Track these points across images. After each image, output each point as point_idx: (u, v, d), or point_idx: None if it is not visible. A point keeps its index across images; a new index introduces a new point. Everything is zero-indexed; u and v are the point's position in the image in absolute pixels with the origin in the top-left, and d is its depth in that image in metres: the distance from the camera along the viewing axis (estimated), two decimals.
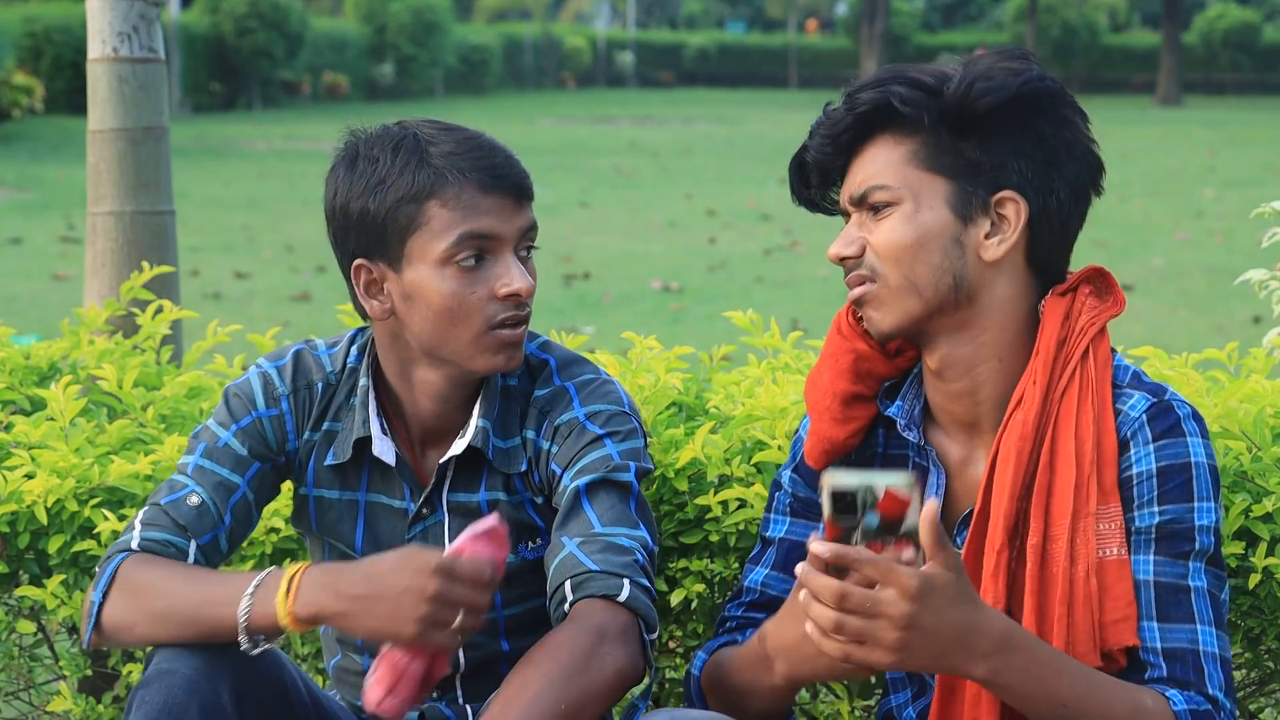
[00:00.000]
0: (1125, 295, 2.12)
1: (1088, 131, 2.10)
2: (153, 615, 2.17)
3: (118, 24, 3.50)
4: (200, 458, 2.32)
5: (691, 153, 23.50)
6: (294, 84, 34.18)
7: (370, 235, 2.23)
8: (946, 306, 2.08)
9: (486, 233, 2.20)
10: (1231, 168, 20.82)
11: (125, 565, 2.22)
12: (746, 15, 63.85)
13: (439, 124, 2.27)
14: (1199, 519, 2.02)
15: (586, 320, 9.95)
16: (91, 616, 2.22)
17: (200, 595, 2.15)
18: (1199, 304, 10.83)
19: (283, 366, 2.37)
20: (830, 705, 2.68)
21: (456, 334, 2.23)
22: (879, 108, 2.07)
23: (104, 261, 3.53)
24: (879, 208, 2.08)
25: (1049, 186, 2.06)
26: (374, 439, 2.31)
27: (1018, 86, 2.04)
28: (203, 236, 13.50)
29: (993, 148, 2.05)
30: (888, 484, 1.80)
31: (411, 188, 2.19)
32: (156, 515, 2.28)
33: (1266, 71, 46.38)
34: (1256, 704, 2.71)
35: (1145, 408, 2.05)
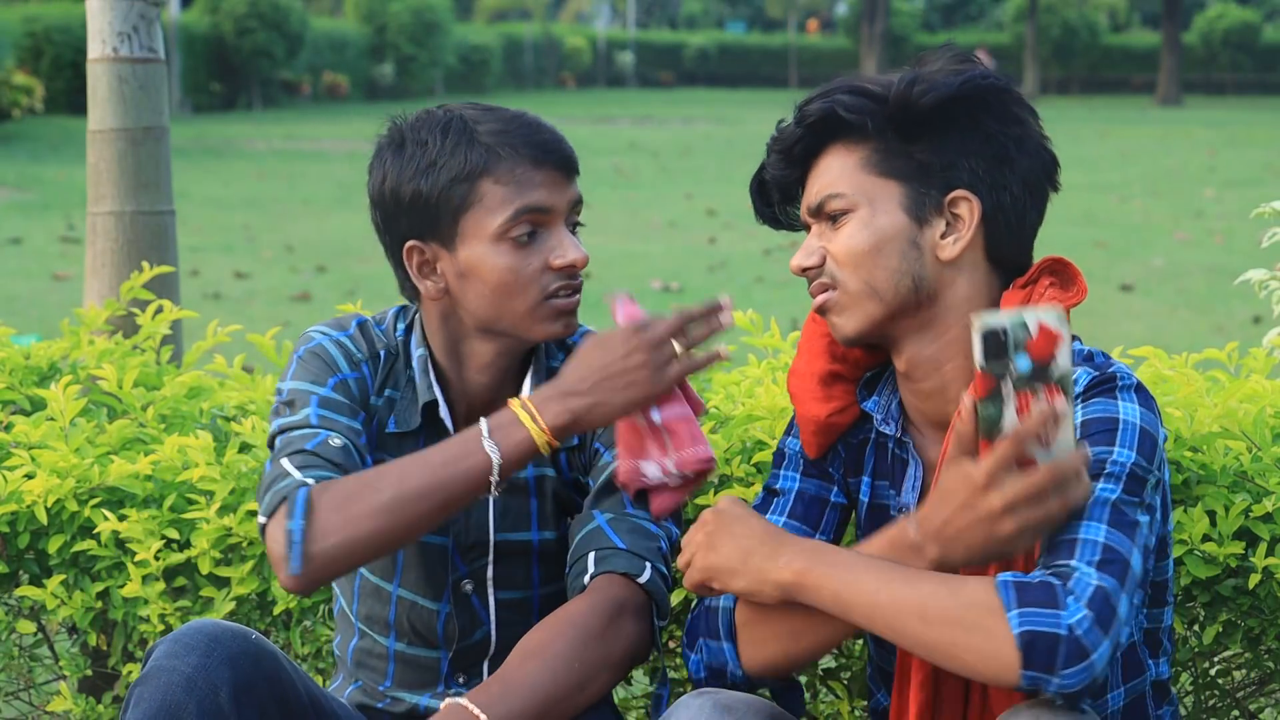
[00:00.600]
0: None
1: (1039, 128, 2.12)
2: (381, 508, 2.11)
3: (118, 24, 3.50)
4: (318, 408, 2.27)
5: (691, 153, 23.50)
6: (294, 84, 34.19)
7: (423, 217, 2.26)
8: (908, 308, 2.10)
9: (541, 205, 2.25)
10: (1231, 168, 20.82)
11: (317, 489, 2.14)
12: (746, 15, 63.87)
13: (481, 106, 2.31)
14: (1115, 457, 1.97)
15: (587, 320, 9.85)
16: (296, 545, 2.11)
17: (431, 464, 2.13)
18: (1199, 304, 10.83)
19: (353, 335, 2.37)
20: (830, 705, 2.68)
21: (513, 306, 2.27)
22: (826, 118, 2.11)
23: (104, 261, 3.53)
24: (836, 216, 2.11)
25: (1001, 183, 2.09)
26: (440, 405, 2.34)
27: (959, 85, 2.06)
28: (203, 236, 13.50)
29: (941, 148, 2.08)
30: (1039, 318, 1.80)
31: (465, 167, 2.23)
32: (306, 460, 2.20)
33: (1266, 71, 46.39)
34: (1256, 704, 2.71)
35: (1086, 380, 2.04)
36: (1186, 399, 2.57)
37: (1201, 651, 2.55)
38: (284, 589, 2.32)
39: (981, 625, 1.86)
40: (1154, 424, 2.02)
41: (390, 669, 2.42)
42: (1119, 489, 1.94)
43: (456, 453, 2.14)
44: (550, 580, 2.39)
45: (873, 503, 2.25)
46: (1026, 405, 1.82)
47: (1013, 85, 2.12)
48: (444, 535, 2.36)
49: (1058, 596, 1.84)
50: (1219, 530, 2.41)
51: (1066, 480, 1.86)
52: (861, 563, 1.97)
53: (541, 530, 2.37)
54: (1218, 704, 2.67)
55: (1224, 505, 2.42)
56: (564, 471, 2.38)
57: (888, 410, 2.20)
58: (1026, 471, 1.85)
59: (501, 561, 2.37)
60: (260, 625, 2.72)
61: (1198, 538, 2.41)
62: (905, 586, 1.92)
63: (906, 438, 2.19)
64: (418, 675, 2.41)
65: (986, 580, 1.88)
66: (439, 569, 2.37)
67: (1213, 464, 2.47)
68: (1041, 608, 1.84)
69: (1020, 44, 44.82)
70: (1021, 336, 1.80)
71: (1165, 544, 2.13)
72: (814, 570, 1.98)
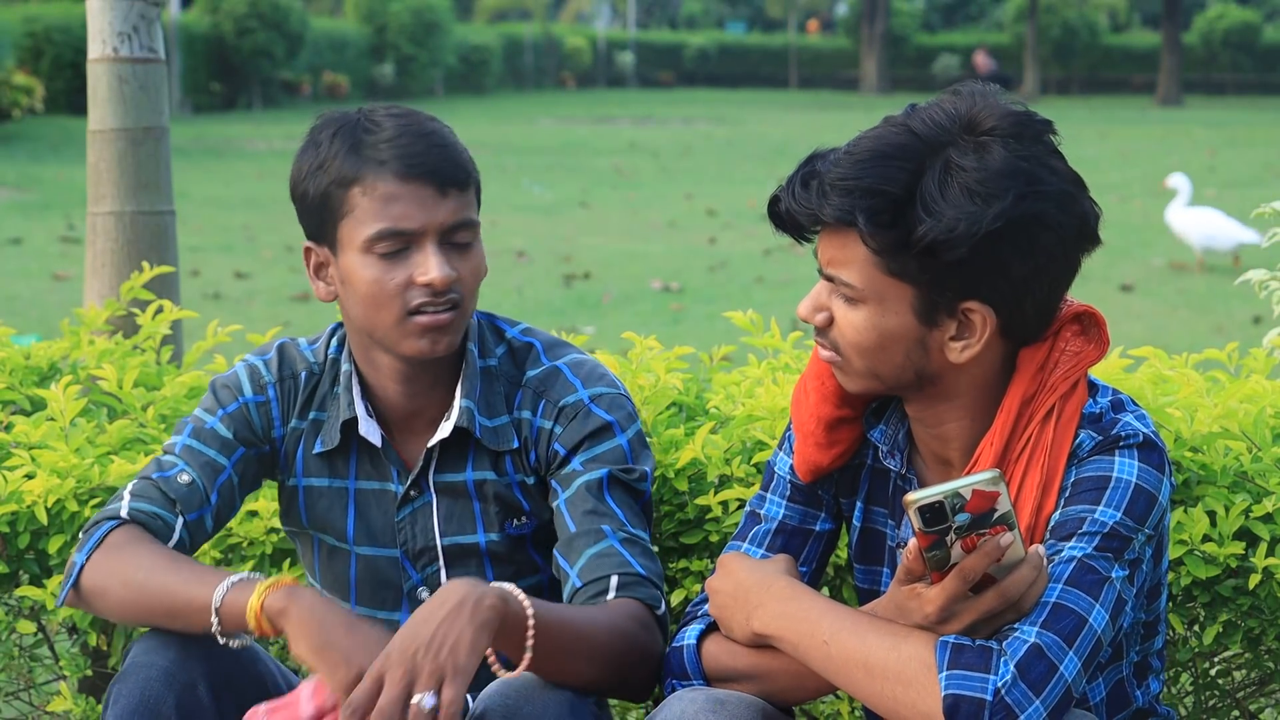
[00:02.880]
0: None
1: (1080, 202, 2.00)
2: (129, 585, 2.18)
3: (118, 24, 3.50)
4: (189, 438, 2.35)
5: (691, 153, 23.49)
6: (294, 84, 34.16)
7: (312, 219, 2.29)
8: (911, 388, 2.08)
9: (402, 229, 2.22)
10: (1231, 168, 20.80)
11: (114, 533, 2.24)
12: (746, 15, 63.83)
13: (395, 111, 2.28)
14: (1097, 516, 1.96)
15: (586, 320, 9.94)
16: (72, 576, 2.24)
17: (180, 575, 2.16)
18: (1199, 304, 10.83)
19: (268, 359, 2.41)
20: (830, 705, 2.68)
21: (380, 318, 2.26)
22: (843, 220, 2.00)
23: (104, 261, 3.53)
24: (845, 296, 2.05)
25: (1019, 301, 2.00)
26: (360, 420, 2.34)
27: (983, 230, 1.94)
28: (203, 236, 13.50)
29: (960, 270, 1.98)
30: (973, 485, 1.82)
31: (339, 173, 2.24)
32: (146, 488, 2.30)
33: (1266, 71, 46.37)
34: (1256, 704, 2.70)
35: (1090, 445, 2.02)
36: (1186, 399, 2.57)
37: (1201, 651, 2.55)
38: None
39: (917, 681, 1.89)
40: (1153, 482, 2.00)
41: None
42: (1089, 547, 1.95)
43: (199, 577, 2.15)
44: (507, 580, 2.37)
45: (866, 526, 2.23)
46: (973, 542, 1.86)
47: (1040, 199, 1.96)
48: (392, 546, 2.38)
49: (991, 660, 1.87)
50: (1219, 530, 2.41)
51: (1017, 596, 1.89)
52: (818, 610, 2.01)
53: (487, 532, 2.37)
54: (1218, 704, 2.67)
55: (1224, 505, 2.42)
56: (509, 474, 2.36)
57: (894, 441, 2.17)
58: (979, 595, 1.89)
59: (453, 565, 2.37)
60: None
61: (1198, 538, 2.41)
62: (853, 637, 1.96)
63: (911, 472, 2.17)
64: None
65: (930, 638, 1.91)
66: (393, 579, 2.39)
67: (1213, 464, 2.47)
68: (971, 671, 1.86)
69: (1020, 44, 44.81)
70: (958, 504, 1.83)
71: (1159, 587, 2.13)
72: (777, 621, 2.03)
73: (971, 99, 2.02)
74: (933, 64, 47.61)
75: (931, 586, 1.90)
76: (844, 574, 2.61)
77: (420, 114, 2.28)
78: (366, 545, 2.38)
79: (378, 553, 2.38)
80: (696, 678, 2.14)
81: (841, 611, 1.99)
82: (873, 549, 2.23)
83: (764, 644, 2.07)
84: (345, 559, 2.40)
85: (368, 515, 2.38)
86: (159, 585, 2.16)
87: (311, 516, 2.40)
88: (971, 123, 1.99)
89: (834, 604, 2.01)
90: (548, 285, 11.49)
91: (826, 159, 2.03)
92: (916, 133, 1.99)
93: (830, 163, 2.01)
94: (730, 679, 2.12)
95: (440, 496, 2.36)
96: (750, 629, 2.06)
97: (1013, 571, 1.89)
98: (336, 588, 2.42)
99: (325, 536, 2.41)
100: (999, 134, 1.98)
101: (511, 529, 2.37)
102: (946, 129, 1.99)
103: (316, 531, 2.41)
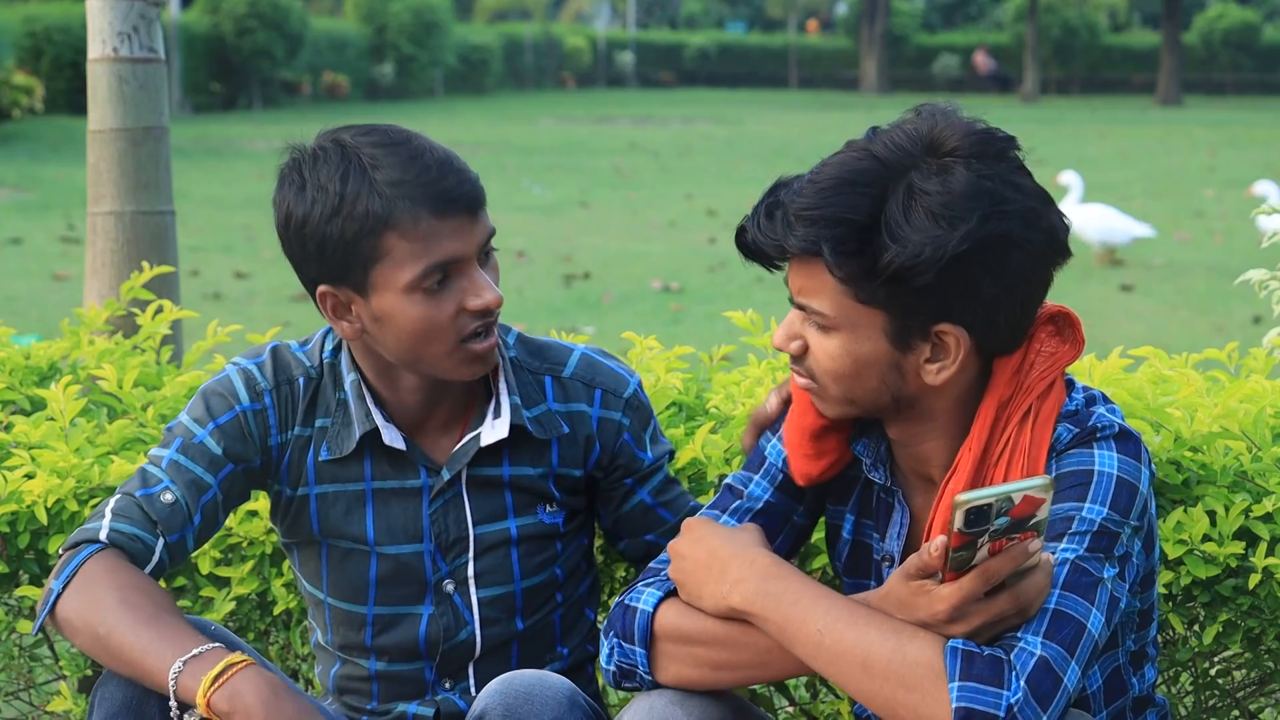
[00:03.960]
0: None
1: (1048, 216, 1.97)
2: (96, 636, 2.13)
3: (118, 24, 3.50)
4: (176, 452, 2.30)
5: (691, 153, 23.49)
6: (294, 84, 34.17)
7: (332, 265, 2.21)
8: (888, 411, 2.07)
9: (449, 259, 2.20)
10: (1231, 168, 20.81)
11: (90, 564, 2.18)
12: (746, 15, 63.83)
13: (380, 139, 2.21)
14: (1084, 513, 1.96)
15: (586, 320, 9.94)
16: (47, 604, 2.19)
17: (140, 639, 2.10)
18: (1199, 304, 10.83)
19: (262, 363, 2.37)
20: (830, 705, 2.68)
21: (430, 350, 2.24)
22: (808, 251, 1.98)
23: (104, 261, 3.53)
24: (817, 324, 2.03)
25: (991, 320, 1.99)
26: (382, 430, 2.32)
27: (949, 254, 1.92)
28: (203, 236, 13.50)
29: (929, 294, 1.96)
30: (1025, 490, 1.79)
31: (368, 220, 2.17)
32: (128, 507, 2.26)
33: (1266, 71, 46.37)
34: (1256, 704, 2.70)
35: (1068, 439, 2.02)
36: (1186, 399, 2.57)
37: (1201, 651, 2.55)
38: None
39: (921, 687, 1.87)
40: (1133, 472, 2.00)
41: (374, 689, 2.42)
42: (1081, 548, 1.94)
43: (157, 645, 2.08)
44: (530, 573, 2.39)
45: (856, 540, 2.23)
46: (1000, 545, 1.83)
47: (1004, 219, 1.93)
48: (417, 541, 2.36)
49: (1002, 674, 1.85)
50: (1219, 530, 2.41)
51: (1029, 603, 1.87)
52: (810, 595, 1.96)
53: (518, 517, 2.38)
54: (1218, 704, 2.67)
55: (1224, 505, 2.42)
56: (552, 465, 2.38)
57: (876, 454, 2.16)
58: (992, 598, 1.86)
59: (482, 557, 2.37)
60: (260, 625, 2.72)
61: (1198, 538, 2.41)
62: (851, 630, 1.92)
63: (895, 485, 2.16)
64: (403, 689, 2.41)
65: (935, 641, 1.88)
66: (417, 574, 2.37)
67: (1213, 464, 2.47)
68: (984, 684, 1.84)
69: (1020, 44, 44.80)
70: (1004, 507, 1.80)
71: (1151, 576, 2.12)
72: (760, 600, 1.98)
73: (933, 119, 2.00)
74: (933, 64, 47.63)
75: (945, 584, 1.87)
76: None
77: (411, 136, 2.22)
78: (389, 544, 2.36)
79: (401, 550, 2.36)
80: (641, 645, 2.08)
81: (836, 599, 1.96)
82: (862, 563, 2.23)
83: (736, 618, 2.02)
84: (364, 560, 2.37)
85: (388, 514, 2.36)
86: (119, 645, 2.10)
87: (325, 525, 2.37)
88: (934, 144, 1.97)
89: (825, 589, 1.98)
90: (548, 285, 11.49)
91: (790, 188, 2.01)
92: (879, 157, 1.97)
93: (794, 192, 1.99)
94: (687, 642, 2.06)
95: (471, 489, 2.36)
96: (727, 603, 2.01)
97: (1027, 576, 1.87)
98: (351, 590, 2.39)
99: (339, 542, 2.38)
100: (961, 154, 1.96)
101: (545, 514, 2.38)
102: (909, 151, 1.97)
103: (329, 539, 2.38)
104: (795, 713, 2.80)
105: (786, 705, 2.81)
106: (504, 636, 2.39)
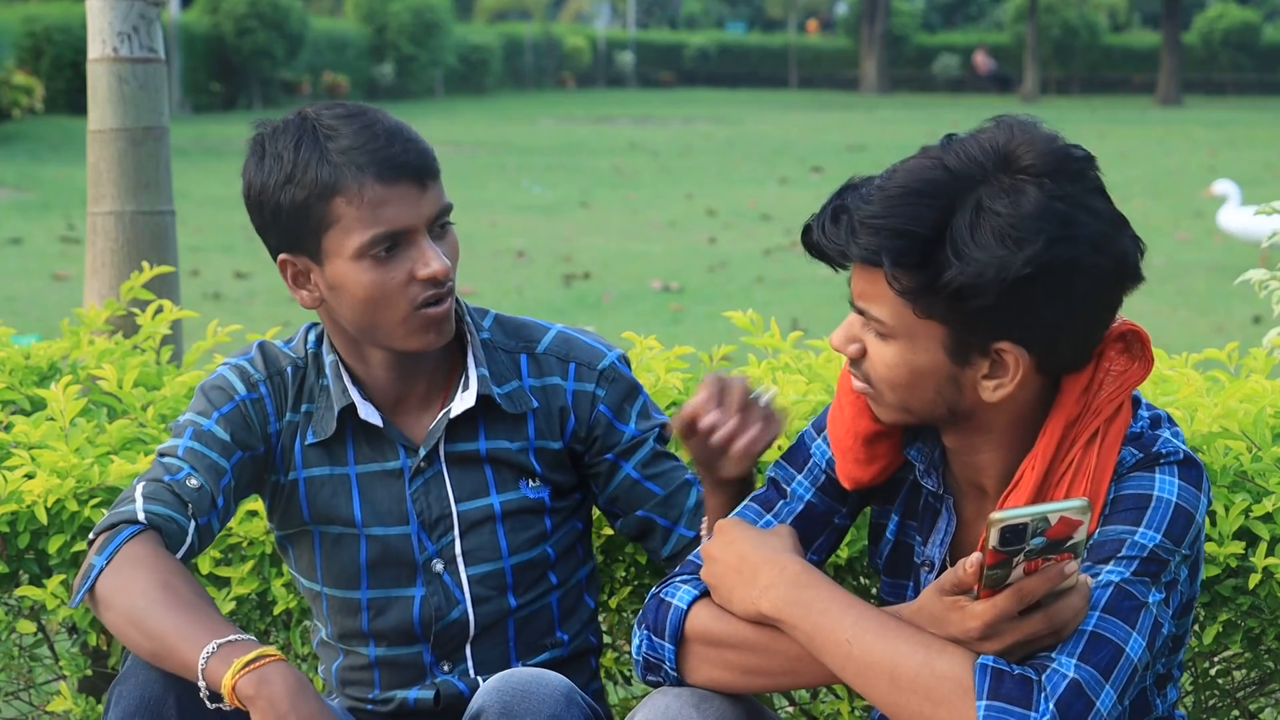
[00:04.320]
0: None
1: (1106, 266, 1.92)
2: (131, 617, 2.15)
3: (118, 24, 3.50)
4: (190, 440, 2.34)
5: (691, 153, 23.49)
6: (294, 84, 34.16)
7: (288, 232, 2.27)
8: (944, 421, 2.05)
9: (395, 228, 2.24)
10: (1231, 168, 20.79)
11: (132, 544, 2.20)
12: (746, 15, 63.83)
13: (340, 111, 2.28)
14: (1136, 538, 1.93)
15: (586, 320, 9.94)
16: (89, 580, 2.20)
17: (178, 622, 2.11)
18: (1199, 304, 10.83)
19: (252, 358, 2.42)
20: (830, 705, 2.68)
21: (383, 318, 2.27)
22: (870, 260, 1.95)
23: (104, 261, 3.53)
24: (877, 330, 2.01)
25: (1054, 341, 1.95)
26: (358, 405, 2.36)
27: (1012, 276, 1.88)
28: (203, 236, 13.50)
29: (989, 314, 1.92)
30: (1061, 511, 1.77)
31: (316, 185, 2.22)
32: (159, 490, 2.28)
33: (1266, 71, 46.37)
34: (1256, 704, 2.71)
35: (1131, 462, 1.99)
36: (1186, 399, 2.57)
37: (1201, 651, 2.55)
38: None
39: (948, 702, 1.85)
40: (1192, 500, 1.97)
41: (376, 677, 2.44)
42: (1127, 571, 1.92)
43: (192, 629, 2.10)
44: (518, 549, 2.40)
45: (900, 540, 2.20)
46: (1036, 565, 1.81)
47: (1074, 243, 1.89)
48: (403, 524, 2.39)
49: (1031, 695, 1.83)
50: (1219, 530, 2.41)
51: (1062, 624, 1.86)
52: (840, 604, 1.95)
53: (501, 493, 2.39)
54: (1218, 704, 2.67)
55: (1224, 505, 2.42)
56: (529, 439, 2.40)
57: (930, 460, 2.12)
58: (1025, 618, 1.84)
59: (468, 534, 2.39)
60: (260, 625, 2.72)
61: None
62: (880, 641, 1.90)
63: (946, 492, 2.12)
64: (403, 675, 2.43)
65: (965, 657, 1.86)
66: (406, 556, 2.39)
67: (1213, 464, 2.47)
68: (1011, 704, 1.82)
69: (1020, 44, 44.79)
70: (1041, 528, 1.77)
71: (1190, 603, 2.08)
72: (789, 607, 1.97)
73: (1010, 132, 1.95)
74: (933, 64, 47.61)
75: (978, 601, 1.85)
76: (842, 574, 2.60)
77: (369, 110, 2.28)
78: (376, 526, 2.39)
79: (388, 531, 2.39)
80: (670, 642, 2.08)
81: (865, 609, 1.94)
82: (903, 563, 2.19)
83: (767, 623, 2.01)
84: (354, 544, 2.40)
85: (373, 497, 2.39)
86: (154, 625, 2.12)
87: (314, 509, 2.40)
88: (1008, 159, 1.92)
89: (854, 599, 1.96)
90: (548, 285, 11.49)
91: (859, 191, 1.96)
92: (950, 168, 1.92)
93: (861, 197, 1.95)
94: (718, 645, 2.05)
95: (451, 467, 2.38)
96: (757, 609, 2.00)
97: (1062, 597, 1.85)
98: (344, 577, 2.41)
99: (329, 528, 2.41)
100: (1035, 172, 1.91)
101: (528, 489, 2.40)
102: (982, 165, 1.92)
103: (319, 525, 2.41)
104: (795, 713, 2.80)
105: (786, 705, 2.81)
106: (497, 614, 2.40)
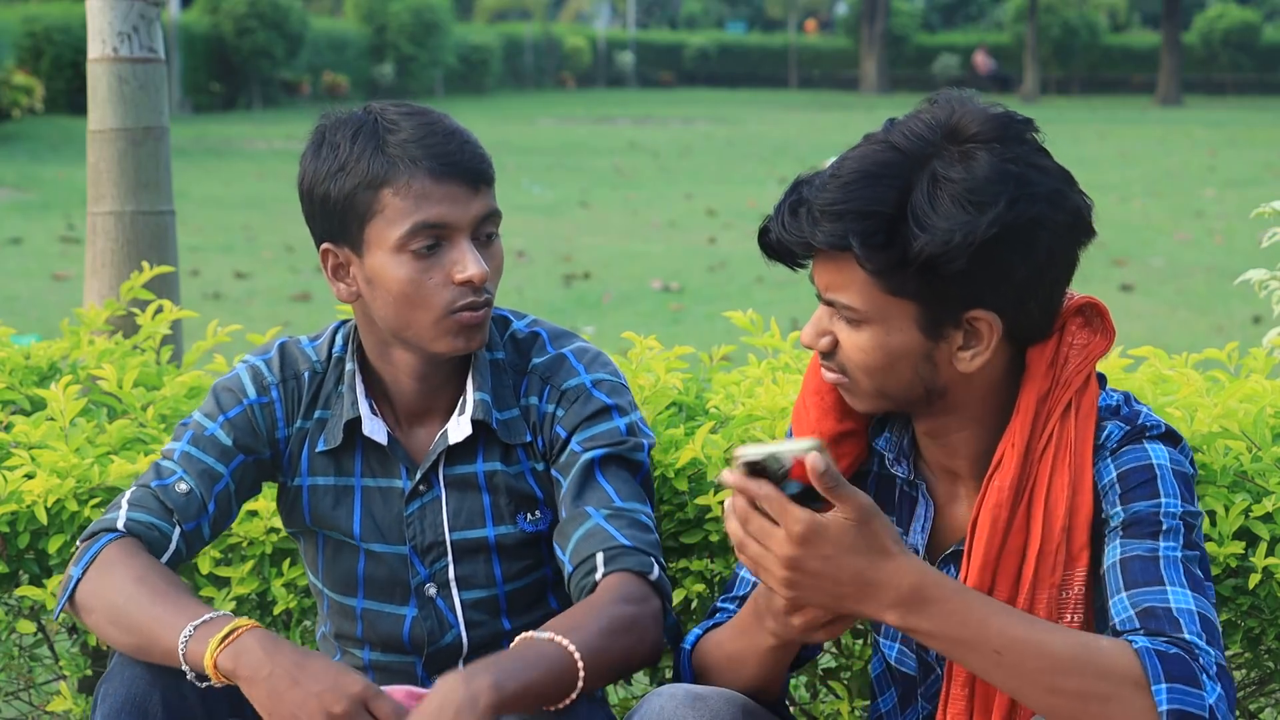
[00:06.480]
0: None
1: (1065, 221, 1.97)
2: (113, 615, 2.18)
3: (118, 24, 3.50)
4: (187, 444, 2.36)
5: (691, 153, 23.49)
6: (294, 84, 34.17)
7: (333, 220, 2.27)
8: (919, 404, 2.07)
9: (438, 222, 2.23)
10: (1231, 168, 20.81)
11: (108, 550, 2.24)
12: (746, 15, 63.86)
13: (406, 109, 2.29)
14: (1166, 508, 1.99)
15: (586, 320, 9.94)
16: (68, 590, 2.25)
17: (154, 612, 2.15)
18: (1199, 304, 10.83)
19: (270, 359, 2.42)
20: (830, 705, 2.68)
21: (416, 318, 2.26)
22: (836, 245, 1.97)
23: (104, 261, 3.53)
24: (847, 318, 2.02)
25: (1022, 303, 1.99)
26: (364, 419, 2.35)
27: (979, 238, 1.92)
28: (203, 236, 13.50)
29: (960, 280, 1.95)
30: (794, 452, 1.80)
31: (366, 175, 2.23)
32: (144, 497, 2.31)
33: (1266, 71, 46.38)
34: (1256, 704, 2.70)
35: (1119, 435, 2.03)
36: (1186, 399, 2.57)
37: None
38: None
39: (1120, 696, 1.83)
40: (1184, 464, 2.03)
41: (370, 679, 2.42)
42: (1180, 544, 1.96)
43: (170, 616, 2.13)
44: (514, 577, 2.39)
45: None
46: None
47: (1033, 201, 1.94)
48: (400, 543, 2.38)
49: (1195, 673, 1.84)
50: (1219, 530, 2.41)
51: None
52: (976, 601, 1.88)
53: (497, 526, 2.37)
54: None
55: (1224, 505, 2.42)
56: (521, 462, 2.37)
57: (899, 448, 2.15)
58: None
59: (461, 561, 2.38)
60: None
61: None
62: (1027, 629, 1.86)
63: (919, 479, 2.15)
64: (396, 679, 2.42)
65: (1123, 645, 1.86)
66: (400, 575, 2.39)
67: (1213, 464, 2.47)
68: (1186, 685, 1.82)
69: (1020, 44, 44.80)
70: (780, 470, 1.81)
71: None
72: (918, 621, 1.87)
73: (950, 106, 2.00)
74: (932, 64, 47.62)
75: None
76: None
77: (433, 111, 2.29)
78: (374, 542, 2.38)
79: (385, 549, 2.38)
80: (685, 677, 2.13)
81: (1005, 611, 1.88)
82: None
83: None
84: (353, 555, 2.40)
85: (374, 512, 2.38)
86: (134, 619, 2.16)
87: (315, 515, 2.40)
88: (954, 130, 1.98)
89: (992, 602, 1.89)
90: (548, 285, 11.49)
91: (812, 184, 2.00)
92: (899, 148, 1.97)
93: (816, 188, 1.99)
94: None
95: (449, 491, 2.37)
96: (881, 617, 1.87)
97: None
98: (343, 584, 2.42)
99: (330, 534, 2.41)
100: (982, 139, 1.96)
101: (525, 523, 2.37)
102: (929, 140, 1.97)
103: (321, 529, 2.41)
104: (795, 713, 2.80)
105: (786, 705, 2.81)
106: (491, 636, 2.40)
